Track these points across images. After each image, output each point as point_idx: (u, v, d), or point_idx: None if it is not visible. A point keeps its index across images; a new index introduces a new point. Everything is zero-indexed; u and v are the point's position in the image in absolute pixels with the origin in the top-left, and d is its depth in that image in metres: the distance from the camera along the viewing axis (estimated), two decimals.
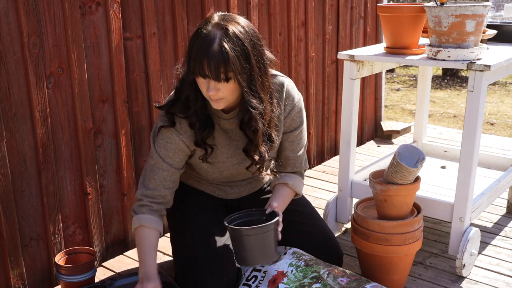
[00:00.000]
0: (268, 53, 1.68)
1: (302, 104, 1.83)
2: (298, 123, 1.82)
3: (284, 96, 1.77)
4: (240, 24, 1.56)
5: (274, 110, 1.70)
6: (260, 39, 1.62)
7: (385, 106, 5.52)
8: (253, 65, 1.56)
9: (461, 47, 1.89)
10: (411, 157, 1.84)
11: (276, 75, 1.79)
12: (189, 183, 1.95)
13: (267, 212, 1.73)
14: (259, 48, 1.60)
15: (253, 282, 1.75)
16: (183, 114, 1.69)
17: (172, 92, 1.75)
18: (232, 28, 1.53)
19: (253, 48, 1.57)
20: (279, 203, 1.79)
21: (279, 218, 1.69)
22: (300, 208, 1.99)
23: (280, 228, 1.69)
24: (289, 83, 1.79)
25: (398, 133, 3.84)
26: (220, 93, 1.57)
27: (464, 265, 1.99)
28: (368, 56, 2.12)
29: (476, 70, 1.84)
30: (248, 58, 1.55)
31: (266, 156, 1.71)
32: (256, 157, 1.71)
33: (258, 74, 1.59)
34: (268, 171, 1.81)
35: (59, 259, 1.88)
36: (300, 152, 1.87)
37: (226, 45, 1.50)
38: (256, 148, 1.69)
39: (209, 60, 1.50)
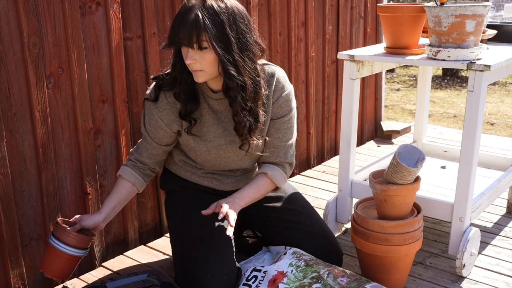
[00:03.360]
0: (258, 40, 1.74)
1: (292, 94, 1.87)
2: (286, 111, 1.85)
3: (274, 83, 1.82)
4: (223, 1, 1.64)
5: (262, 90, 1.75)
6: (244, 19, 1.68)
7: (385, 106, 5.53)
8: (228, 36, 1.62)
9: (461, 47, 1.89)
10: (411, 157, 1.84)
11: (268, 64, 1.85)
12: (186, 177, 1.96)
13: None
14: (239, 24, 1.65)
15: (253, 282, 1.75)
16: (170, 86, 1.77)
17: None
18: (211, 1, 1.62)
19: (229, 21, 1.63)
20: (244, 195, 1.81)
21: None
22: (299, 208, 1.99)
23: (230, 230, 1.67)
24: (280, 72, 1.85)
25: (398, 133, 3.84)
26: (198, 64, 1.65)
27: (464, 265, 1.99)
28: (368, 56, 2.12)
29: (476, 70, 1.84)
30: (222, 29, 1.62)
31: (248, 124, 1.74)
32: (240, 124, 1.74)
33: (237, 46, 1.65)
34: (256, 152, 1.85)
35: (62, 221, 1.74)
36: (287, 142, 1.88)
37: (199, 14, 1.59)
38: (236, 115, 1.73)
39: (183, 28, 1.60)
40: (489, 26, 2.42)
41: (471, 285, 1.99)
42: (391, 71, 7.93)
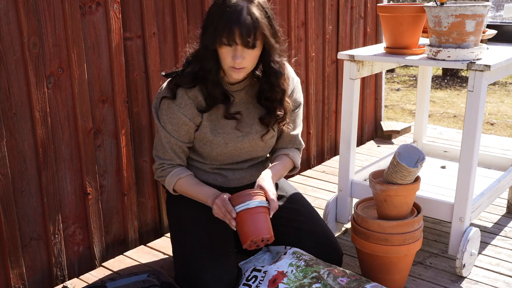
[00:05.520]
0: None
1: (299, 83, 1.98)
2: (299, 102, 1.96)
3: (285, 76, 1.87)
4: None
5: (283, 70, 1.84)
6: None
7: (385, 106, 5.53)
8: (275, 30, 1.70)
9: (461, 47, 1.89)
10: (411, 157, 1.84)
11: None
12: None
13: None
14: (272, 14, 1.73)
15: (253, 282, 1.75)
16: (190, 84, 1.76)
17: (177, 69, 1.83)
18: None
19: (272, 13, 1.71)
20: (274, 173, 1.86)
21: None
22: (299, 207, 1.99)
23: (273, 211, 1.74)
24: (288, 66, 1.92)
25: (398, 133, 3.84)
26: (244, 62, 1.67)
27: (464, 265, 1.99)
28: (368, 56, 2.12)
29: (476, 70, 1.84)
30: (272, 24, 1.69)
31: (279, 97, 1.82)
32: (280, 113, 1.83)
33: (279, 36, 1.74)
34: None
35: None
36: (299, 129, 2.00)
37: (255, 13, 1.62)
38: (279, 103, 1.82)
39: (240, 29, 1.60)
40: (489, 26, 2.42)
41: (471, 285, 1.99)
42: (391, 71, 7.93)
